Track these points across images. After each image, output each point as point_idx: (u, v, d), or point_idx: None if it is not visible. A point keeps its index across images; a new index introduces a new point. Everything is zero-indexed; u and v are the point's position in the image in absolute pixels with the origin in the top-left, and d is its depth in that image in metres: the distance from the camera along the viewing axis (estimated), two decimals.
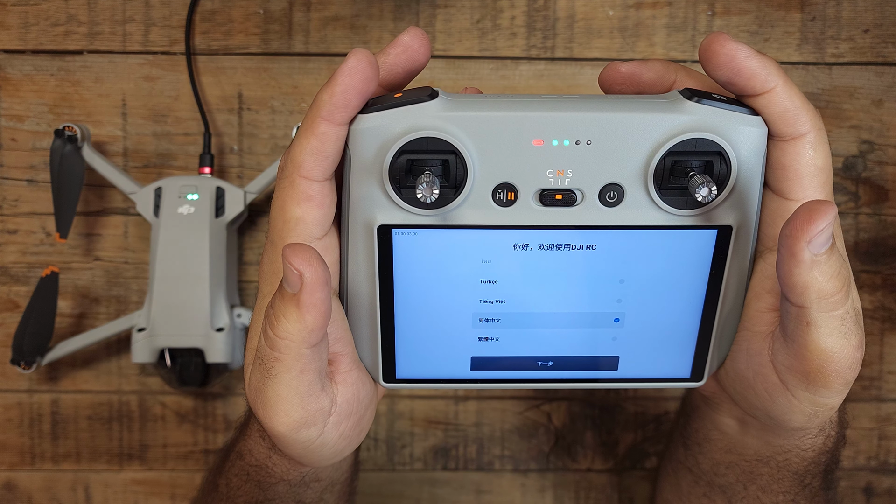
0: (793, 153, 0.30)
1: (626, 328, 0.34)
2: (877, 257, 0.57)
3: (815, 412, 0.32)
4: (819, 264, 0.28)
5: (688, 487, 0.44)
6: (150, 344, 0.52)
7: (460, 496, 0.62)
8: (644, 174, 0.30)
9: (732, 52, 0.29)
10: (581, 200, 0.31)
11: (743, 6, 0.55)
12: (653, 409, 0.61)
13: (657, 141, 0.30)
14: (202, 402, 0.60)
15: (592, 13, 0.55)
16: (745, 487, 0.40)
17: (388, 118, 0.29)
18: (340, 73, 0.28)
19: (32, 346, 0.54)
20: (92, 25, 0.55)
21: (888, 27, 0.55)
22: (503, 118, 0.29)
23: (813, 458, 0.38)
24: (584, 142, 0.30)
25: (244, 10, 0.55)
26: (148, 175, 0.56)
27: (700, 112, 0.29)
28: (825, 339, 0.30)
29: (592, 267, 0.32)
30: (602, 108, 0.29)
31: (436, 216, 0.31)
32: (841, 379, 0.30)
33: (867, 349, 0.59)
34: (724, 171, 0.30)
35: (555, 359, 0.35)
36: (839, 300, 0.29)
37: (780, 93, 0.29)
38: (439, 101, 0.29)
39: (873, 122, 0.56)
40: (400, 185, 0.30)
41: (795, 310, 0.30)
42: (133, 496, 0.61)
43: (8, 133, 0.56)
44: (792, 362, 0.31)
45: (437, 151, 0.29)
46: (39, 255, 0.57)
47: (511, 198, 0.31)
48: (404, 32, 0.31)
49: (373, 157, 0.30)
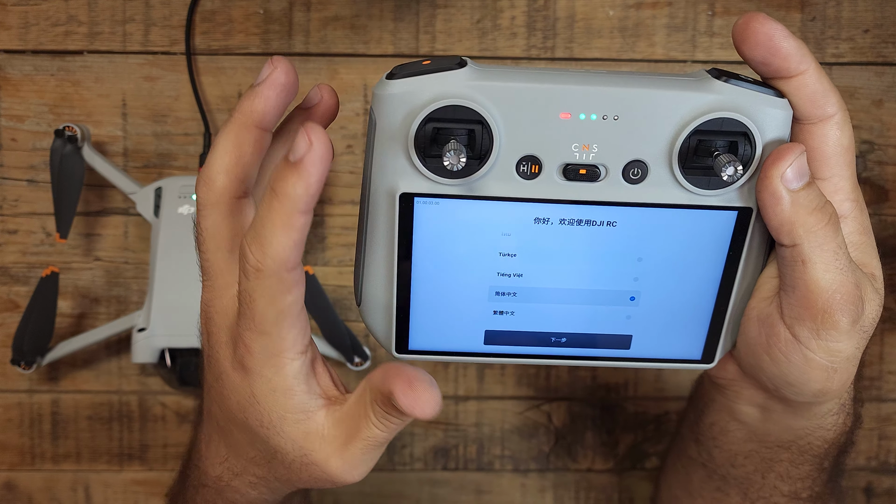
0: (820, 135, 0.31)
1: (641, 307, 0.34)
2: None
3: (832, 364, 0.32)
4: (799, 199, 0.30)
5: (700, 483, 0.44)
6: (150, 344, 0.52)
7: (460, 496, 0.62)
8: (669, 152, 0.30)
9: (770, 31, 0.29)
10: (605, 176, 0.31)
11: (743, 6, 0.55)
12: (653, 409, 0.61)
13: (684, 119, 0.30)
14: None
15: (592, 13, 0.55)
16: (762, 477, 0.40)
17: (416, 84, 0.29)
18: (312, 168, 0.27)
19: (32, 346, 0.54)
20: (92, 25, 0.55)
21: (888, 27, 0.55)
22: (531, 90, 0.29)
23: (834, 439, 0.38)
24: (611, 117, 0.30)
25: (244, 10, 0.55)
26: (148, 175, 0.56)
27: (727, 92, 0.29)
28: (822, 274, 0.30)
29: (611, 244, 0.32)
30: (630, 84, 0.29)
31: (459, 186, 0.31)
32: (847, 315, 0.31)
33: (867, 349, 0.59)
34: (749, 152, 0.30)
35: (568, 335, 0.35)
36: (828, 234, 0.30)
37: (812, 74, 0.30)
38: (468, 70, 0.29)
39: (873, 122, 0.56)
40: (425, 154, 0.30)
41: (789, 251, 0.31)
42: (133, 496, 0.61)
43: (8, 133, 0.56)
44: (798, 311, 0.32)
45: (464, 121, 0.29)
46: (39, 255, 0.57)
47: (535, 171, 0.30)
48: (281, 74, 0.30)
49: (398, 124, 0.30)
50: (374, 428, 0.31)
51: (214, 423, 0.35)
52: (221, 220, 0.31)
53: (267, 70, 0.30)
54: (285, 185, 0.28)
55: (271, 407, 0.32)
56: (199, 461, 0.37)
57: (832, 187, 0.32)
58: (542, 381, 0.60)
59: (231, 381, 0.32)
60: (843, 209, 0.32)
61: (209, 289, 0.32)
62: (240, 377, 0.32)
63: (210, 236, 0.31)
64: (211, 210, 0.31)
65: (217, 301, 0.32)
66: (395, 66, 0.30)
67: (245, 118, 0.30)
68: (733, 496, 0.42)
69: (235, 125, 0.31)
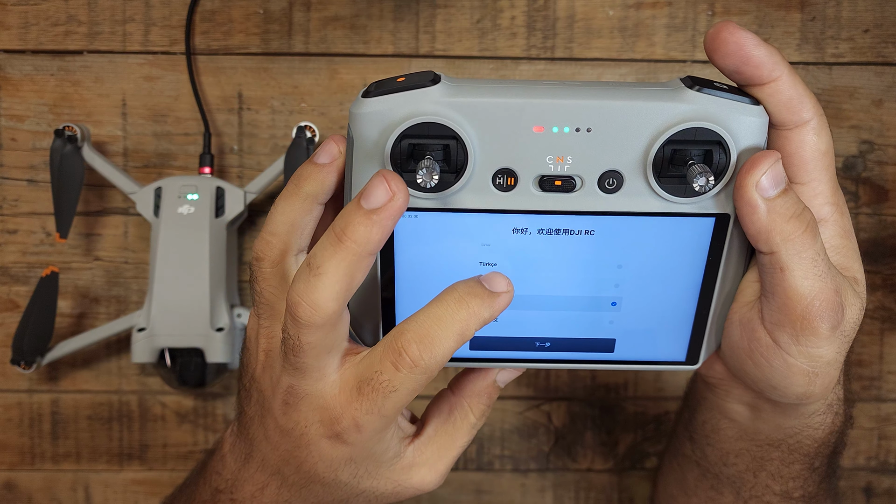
0: (797, 141, 0.31)
1: (623, 312, 0.34)
2: (877, 257, 0.57)
3: (812, 369, 0.32)
4: (775, 207, 0.30)
5: (694, 481, 0.44)
6: (150, 344, 0.52)
7: (460, 496, 0.62)
8: (643, 162, 0.30)
9: (741, 40, 0.29)
10: (580, 187, 0.31)
11: (743, 6, 0.55)
12: (653, 409, 0.61)
13: (657, 129, 0.30)
14: (202, 402, 0.60)
15: (592, 13, 0.55)
16: (754, 476, 0.41)
17: (390, 103, 0.30)
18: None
19: (32, 346, 0.54)
20: (92, 25, 0.55)
21: (888, 27, 0.55)
22: (504, 104, 0.29)
23: (823, 439, 0.38)
24: (584, 129, 0.30)
25: (244, 10, 0.55)
26: (148, 175, 0.56)
27: (701, 101, 0.30)
28: (801, 281, 0.30)
29: (590, 252, 0.33)
30: (602, 96, 0.30)
31: (436, 200, 0.31)
32: (825, 321, 0.31)
33: (867, 349, 0.59)
34: (724, 160, 0.30)
35: (552, 340, 0.35)
36: (806, 241, 0.30)
37: (786, 81, 0.30)
38: (441, 87, 0.30)
39: (873, 122, 0.56)
40: (402, 169, 0.30)
41: (768, 259, 0.31)
42: (133, 496, 0.61)
43: (8, 133, 0.56)
44: (778, 317, 0.32)
45: (439, 136, 0.30)
46: (39, 255, 0.57)
47: (511, 183, 0.31)
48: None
49: (374, 140, 0.30)
50: (474, 430, 0.36)
51: (269, 470, 0.36)
52: (325, 336, 0.31)
53: (383, 192, 0.29)
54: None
55: (367, 465, 0.34)
56: (225, 477, 0.38)
57: (811, 192, 0.32)
58: (542, 382, 0.60)
59: (319, 449, 0.33)
60: (823, 213, 0.32)
61: (303, 379, 0.32)
62: (330, 446, 0.33)
63: (311, 348, 0.31)
64: (317, 330, 0.31)
65: (309, 386, 0.33)
66: (371, 84, 0.30)
67: (360, 249, 0.29)
68: (727, 495, 0.42)
69: (349, 255, 0.29)
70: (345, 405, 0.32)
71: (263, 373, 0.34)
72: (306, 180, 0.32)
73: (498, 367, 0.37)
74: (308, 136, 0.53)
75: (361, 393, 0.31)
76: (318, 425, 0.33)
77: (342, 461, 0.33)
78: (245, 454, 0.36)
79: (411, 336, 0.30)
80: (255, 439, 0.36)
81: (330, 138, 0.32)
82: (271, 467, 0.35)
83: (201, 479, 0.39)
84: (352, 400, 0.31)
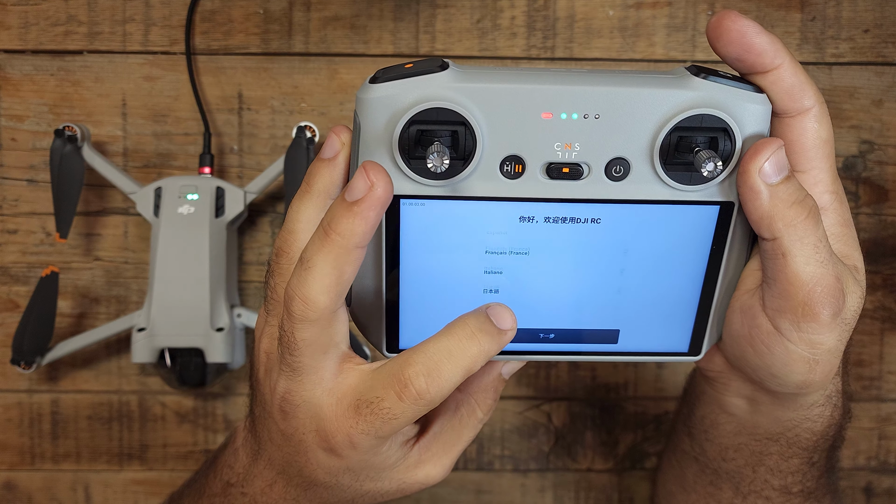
0: (799, 128, 0.31)
1: (628, 302, 0.34)
2: (877, 257, 0.57)
3: (813, 356, 0.32)
4: (778, 193, 0.30)
5: (693, 477, 0.44)
6: (150, 344, 0.52)
7: (460, 496, 0.62)
8: (650, 149, 0.30)
9: (743, 28, 0.29)
10: (587, 174, 0.31)
11: (743, 6, 0.55)
12: (653, 409, 0.61)
13: (664, 116, 0.30)
14: (202, 402, 0.60)
15: (592, 13, 0.55)
16: (753, 471, 0.41)
17: (399, 88, 0.29)
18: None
19: (32, 346, 0.54)
20: (92, 25, 0.55)
21: (888, 27, 0.55)
22: (513, 90, 0.29)
23: (822, 432, 0.38)
24: (592, 115, 0.30)
25: (244, 10, 0.55)
26: (148, 175, 0.56)
27: (706, 88, 0.30)
28: (802, 267, 0.31)
29: (596, 240, 0.33)
30: (610, 83, 0.30)
31: (444, 187, 0.31)
32: (827, 308, 0.31)
33: (867, 349, 0.59)
34: (729, 147, 0.30)
35: (556, 331, 0.35)
36: (808, 227, 0.30)
37: (787, 69, 0.30)
38: (450, 72, 0.30)
39: (873, 122, 0.56)
40: (409, 156, 0.30)
41: (770, 245, 0.31)
42: (133, 496, 0.61)
43: (8, 133, 0.56)
44: (779, 303, 0.32)
45: (447, 122, 0.30)
46: (39, 255, 0.57)
47: (518, 170, 0.31)
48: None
49: (382, 127, 0.30)
50: (480, 424, 0.37)
51: (276, 468, 0.36)
52: (320, 332, 0.31)
53: (362, 184, 0.29)
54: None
55: (367, 472, 0.34)
56: (237, 470, 0.38)
57: (812, 179, 0.32)
58: (542, 381, 0.60)
59: (317, 457, 0.33)
60: (824, 201, 0.33)
61: (299, 383, 0.33)
62: (326, 456, 0.33)
63: (307, 345, 0.31)
64: (310, 325, 0.31)
65: (305, 392, 0.33)
66: (378, 70, 0.30)
67: (346, 241, 0.29)
68: (725, 490, 0.42)
69: (336, 248, 0.30)
70: (341, 420, 0.32)
71: (265, 376, 0.35)
72: (315, 177, 0.33)
73: (503, 360, 0.36)
74: (308, 136, 0.53)
75: (359, 413, 0.31)
76: (314, 434, 0.33)
77: (340, 470, 0.34)
78: (255, 450, 0.37)
79: (420, 369, 0.30)
80: (261, 438, 0.36)
81: (332, 130, 0.32)
82: (277, 466, 0.36)
83: (212, 472, 0.40)
84: (348, 417, 0.32)
